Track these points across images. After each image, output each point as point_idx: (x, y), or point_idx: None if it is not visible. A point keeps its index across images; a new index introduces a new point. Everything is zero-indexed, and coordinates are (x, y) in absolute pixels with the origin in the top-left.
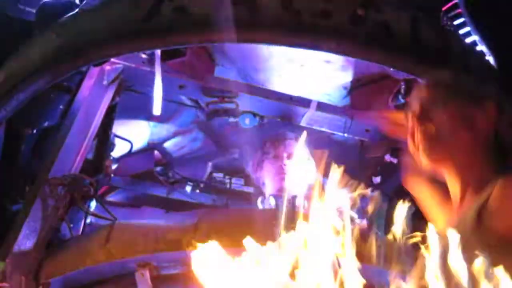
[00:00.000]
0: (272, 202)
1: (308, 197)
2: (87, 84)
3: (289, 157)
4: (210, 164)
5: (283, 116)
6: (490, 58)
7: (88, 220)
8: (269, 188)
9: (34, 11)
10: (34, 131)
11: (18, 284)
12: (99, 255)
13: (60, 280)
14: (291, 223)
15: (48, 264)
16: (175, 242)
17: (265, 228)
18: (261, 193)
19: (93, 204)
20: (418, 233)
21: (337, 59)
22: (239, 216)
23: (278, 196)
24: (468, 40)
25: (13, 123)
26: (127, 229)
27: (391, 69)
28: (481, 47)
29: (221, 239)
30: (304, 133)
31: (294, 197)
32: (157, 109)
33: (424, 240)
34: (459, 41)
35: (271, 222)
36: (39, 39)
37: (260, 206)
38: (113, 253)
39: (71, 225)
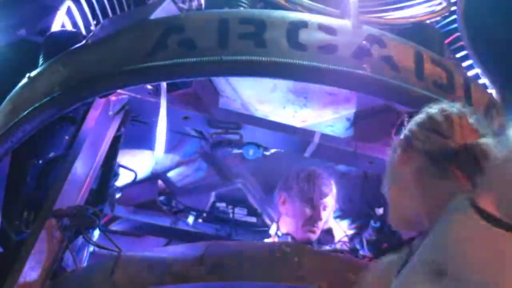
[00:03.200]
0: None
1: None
2: (93, 114)
3: (324, 208)
4: (213, 194)
5: (287, 147)
6: (492, 91)
7: (91, 249)
8: (288, 225)
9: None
10: (40, 161)
11: None
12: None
13: None
14: None
15: None
16: (180, 275)
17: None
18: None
19: (96, 232)
20: None
21: (340, 91)
22: (245, 249)
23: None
24: (471, 73)
25: (19, 154)
26: (132, 261)
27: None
28: (483, 80)
29: (226, 273)
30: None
31: None
32: (160, 150)
33: None
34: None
35: (277, 256)
36: (46, 70)
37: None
38: (119, 285)
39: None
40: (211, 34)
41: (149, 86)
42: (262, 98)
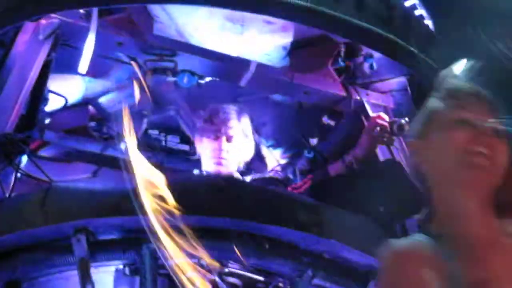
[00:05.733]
0: None
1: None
2: (22, 38)
3: (228, 140)
4: (145, 120)
5: (222, 76)
6: (429, 22)
7: (18, 175)
8: (204, 163)
9: None
10: None
11: None
12: (35, 219)
13: None
14: None
15: None
16: (113, 208)
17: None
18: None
19: (24, 158)
20: None
21: (278, 20)
22: (180, 182)
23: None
24: (408, 3)
25: None
26: (64, 193)
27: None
28: (420, 11)
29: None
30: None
31: None
32: (83, 67)
33: None
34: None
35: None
36: None
37: None
38: (50, 217)
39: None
40: None
41: (81, 10)
42: (198, 25)
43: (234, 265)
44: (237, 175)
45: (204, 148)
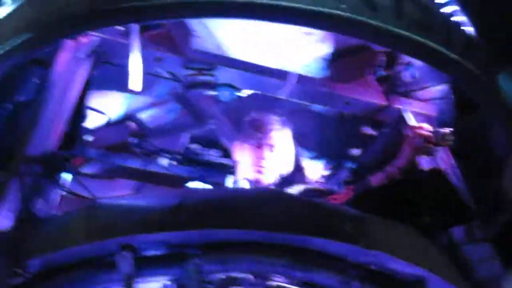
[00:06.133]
0: (245, 185)
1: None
2: (63, 57)
3: (270, 148)
4: (186, 135)
5: (262, 89)
6: (469, 28)
7: (62, 193)
8: (243, 171)
9: None
10: (8, 105)
11: None
12: (79, 236)
13: (38, 261)
14: None
15: (26, 245)
16: (156, 224)
17: (250, 208)
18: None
19: (67, 176)
20: None
21: (317, 31)
22: (222, 196)
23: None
24: (448, 9)
25: None
26: (108, 209)
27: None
28: (460, 17)
29: (204, 221)
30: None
31: None
32: (136, 85)
33: None
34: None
35: (254, 202)
36: (12, 11)
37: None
38: (94, 234)
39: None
40: None
41: (121, 28)
42: (236, 38)
43: (279, 279)
44: (277, 185)
45: (244, 155)
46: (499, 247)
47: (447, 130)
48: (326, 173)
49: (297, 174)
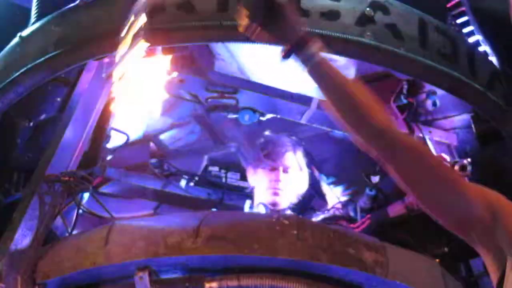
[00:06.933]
0: (261, 210)
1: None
2: (86, 77)
3: (285, 170)
4: (206, 157)
5: (283, 113)
6: (493, 59)
7: (80, 212)
8: (259, 196)
9: None
10: (31, 123)
11: (14, 284)
12: (97, 257)
13: (56, 281)
14: None
15: (44, 264)
16: (175, 247)
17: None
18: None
19: (86, 195)
20: None
21: (340, 57)
22: (241, 220)
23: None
24: (472, 39)
25: (9, 115)
26: (127, 231)
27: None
28: (484, 47)
29: (223, 245)
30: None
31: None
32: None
33: None
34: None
35: (275, 229)
36: (39, 30)
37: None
38: (112, 255)
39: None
40: None
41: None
42: (259, 62)
43: None
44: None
45: (260, 179)
46: None
47: (465, 161)
48: (344, 198)
49: (317, 200)
